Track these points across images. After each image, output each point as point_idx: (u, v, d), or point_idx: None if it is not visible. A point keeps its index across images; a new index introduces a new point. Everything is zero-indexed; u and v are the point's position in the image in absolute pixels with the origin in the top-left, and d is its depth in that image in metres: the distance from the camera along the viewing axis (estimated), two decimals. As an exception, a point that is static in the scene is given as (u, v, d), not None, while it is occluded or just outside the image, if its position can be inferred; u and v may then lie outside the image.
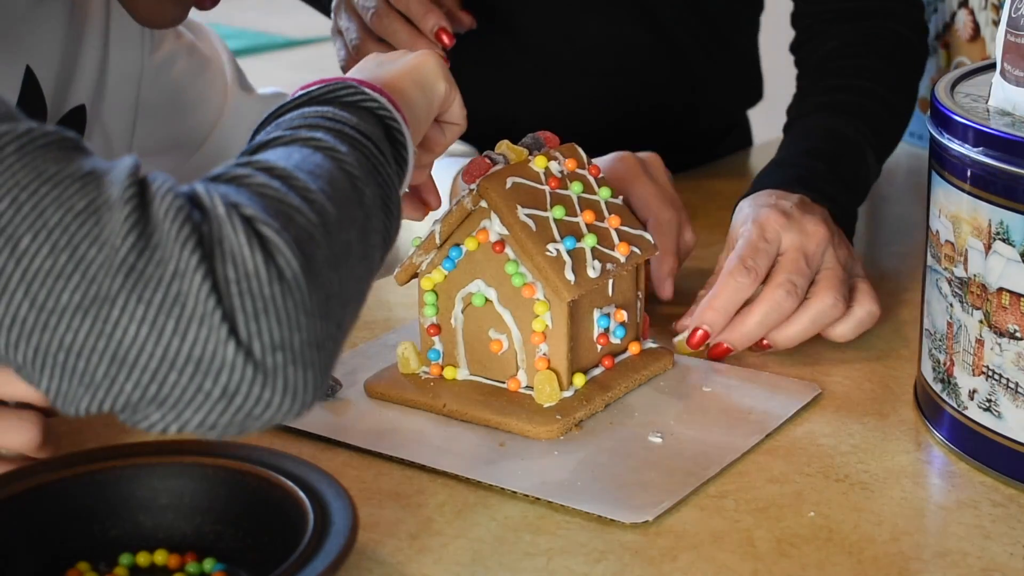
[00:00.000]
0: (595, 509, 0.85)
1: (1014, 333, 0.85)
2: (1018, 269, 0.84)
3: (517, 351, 0.97)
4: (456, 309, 0.99)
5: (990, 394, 0.88)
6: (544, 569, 0.80)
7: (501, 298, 0.97)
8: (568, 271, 0.94)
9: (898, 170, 1.54)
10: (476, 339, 0.99)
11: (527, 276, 0.95)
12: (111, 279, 0.63)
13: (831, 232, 1.05)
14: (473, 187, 0.96)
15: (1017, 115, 0.88)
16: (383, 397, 1.00)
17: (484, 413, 0.96)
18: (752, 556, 0.81)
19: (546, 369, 0.96)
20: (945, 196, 0.90)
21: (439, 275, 0.99)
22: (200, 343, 0.63)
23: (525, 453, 0.92)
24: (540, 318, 0.95)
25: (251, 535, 0.79)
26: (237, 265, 0.64)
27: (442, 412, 0.97)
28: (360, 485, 0.89)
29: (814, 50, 1.32)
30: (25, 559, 0.77)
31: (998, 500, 0.87)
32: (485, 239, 0.96)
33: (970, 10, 1.47)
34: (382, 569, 0.80)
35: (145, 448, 0.83)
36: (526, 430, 0.94)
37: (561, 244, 0.95)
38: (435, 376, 1.00)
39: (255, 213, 0.66)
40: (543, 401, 0.96)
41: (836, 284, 1.03)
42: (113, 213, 0.64)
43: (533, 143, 1.01)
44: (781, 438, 0.95)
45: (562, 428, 0.94)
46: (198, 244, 0.64)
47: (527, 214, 0.95)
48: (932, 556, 0.81)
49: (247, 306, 0.64)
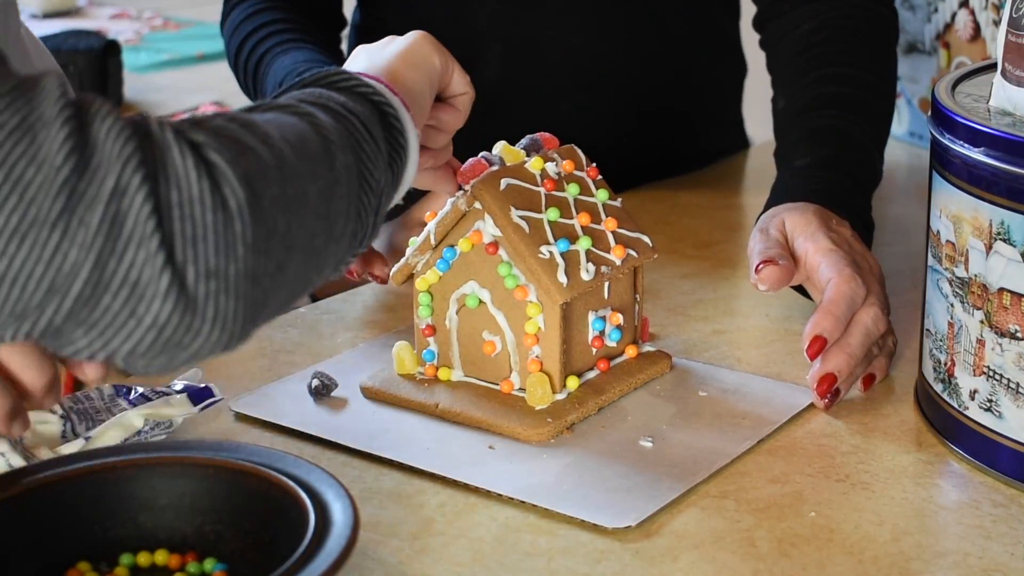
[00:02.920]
0: (578, 513, 0.84)
1: (1015, 333, 0.85)
2: (1019, 269, 0.84)
3: (510, 353, 0.97)
4: (451, 310, 0.99)
5: (991, 394, 0.88)
6: (545, 569, 0.80)
7: (495, 300, 0.97)
8: (561, 273, 0.94)
9: (898, 170, 1.54)
10: (470, 340, 0.99)
11: (520, 278, 0.95)
12: (50, 201, 0.59)
13: None
14: (467, 188, 0.96)
15: (1018, 115, 0.88)
16: (378, 397, 1.00)
17: (476, 414, 0.96)
18: (753, 556, 0.81)
19: (539, 372, 0.96)
20: (946, 196, 0.90)
21: (434, 276, 0.99)
22: (136, 266, 0.61)
23: (514, 456, 0.92)
24: (533, 320, 0.95)
25: (251, 535, 0.79)
26: (181, 189, 0.62)
27: (435, 413, 0.97)
28: (360, 485, 0.89)
29: (785, 31, 1.30)
30: (25, 559, 0.77)
31: (999, 500, 0.87)
32: (479, 240, 0.96)
33: (971, 10, 1.47)
34: (383, 569, 0.80)
35: (145, 448, 0.83)
36: (516, 432, 0.94)
37: (554, 246, 0.95)
38: (430, 377, 1.01)
39: (205, 140, 0.64)
40: (535, 403, 0.95)
41: (879, 292, 1.02)
42: (49, 131, 0.60)
43: (531, 144, 1.01)
44: (782, 438, 0.94)
45: (553, 431, 0.94)
46: (141, 163, 0.61)
47: (520, 216, 0.95)
48: (933, 556, 0.81)
49: (187, 231, 0.62)
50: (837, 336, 0.97)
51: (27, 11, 3.02)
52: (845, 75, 1.22)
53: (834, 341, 0.97)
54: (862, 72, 1.23)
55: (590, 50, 1.40)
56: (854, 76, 1.22)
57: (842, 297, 0.98)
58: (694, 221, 1.37)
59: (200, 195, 0.62)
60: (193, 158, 0.63)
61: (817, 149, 1.15)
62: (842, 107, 1.19)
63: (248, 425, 0.97)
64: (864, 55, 1.25)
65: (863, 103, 1.21)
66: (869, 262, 1.04)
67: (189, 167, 0.62)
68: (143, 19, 3.03)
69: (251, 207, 0.64)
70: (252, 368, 1.06)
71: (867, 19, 1.28)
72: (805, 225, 1.04)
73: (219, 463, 0.81)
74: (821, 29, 1.27)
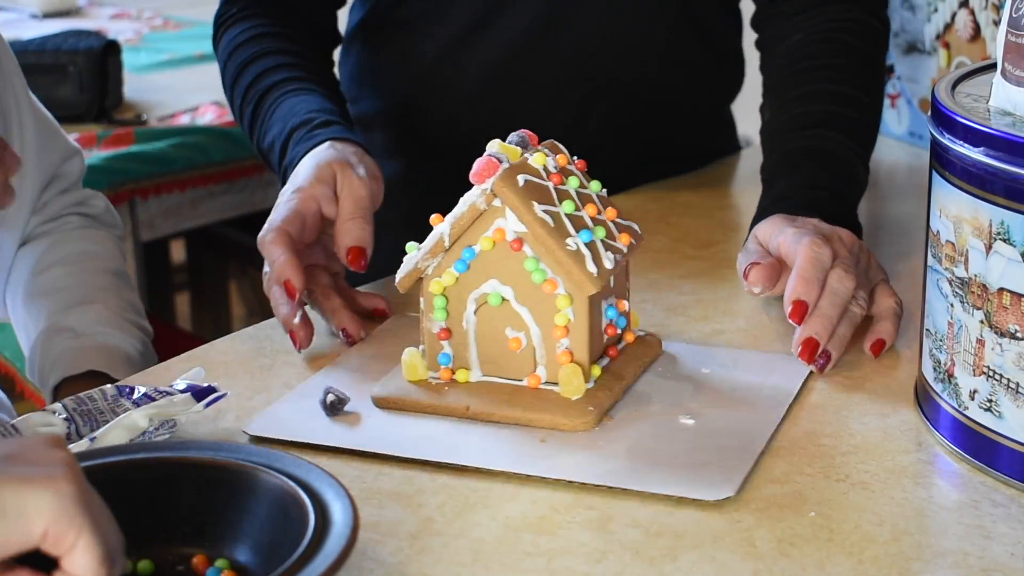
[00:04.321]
0: (676, 491, 0.86)
1: (1015, 333, 0.85)
2: (1019, 269, 0.84)
3: (536, 347, 0.97)
4: (468, 311, 0.98)
5: (991, 394, 0.88)
6: (545, 569, 0.80)
7: (518, 296, 0.97)
8: (590, 264, 0.95)
9: (898, 170, 1.54)
10: (490, 339, 0.98)
11: (547, 272, 0.95)
12: None
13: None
14: (486, 187, 0.95)
15: (1018, 115, 0.88)
16: (396, 406, 0.98)
17: (513, 411, 0.96)
18: (753, 556, 0.81)
19: (570, 363, 0.96)
20: (946, 196, 0.90)
21: (450, 278, 0.98)
22: None
23: (569, 446, 0.93)
24: (562, 312, 0.96)
25: (251, 535, 0.79)
26: None
27: (466, 415, 0.96)
28: (360, 485, 0.89)
29: (778, 40, 1.33)
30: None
31: (999, 500, 0.87)
32: (502, 238, 0.96)
33: (971, 10, 1.47)
34: (383, 569, 0.80)
35: (146, 448, 0.83)
36: (562, 424, 0.94)
37: (578, 238, 0.95)
38: (446, 380, 1.00)
39: None
40: (570, 394, 0.96)
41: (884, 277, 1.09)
42: None
43: (520, 142, 1.01)
44: (782, 438, 0.94)
45: (595, 419, 0.95)
46: None
47: (543, 210, 0.95)
48: (933, 556, 0.81)
49: None
50: (814, 297, 1.02)
51: (27, 11, 3.03)
52: (827, 92, 1.25)
53: (813, 302, 1.02)
54: (845, 87, 1.26)
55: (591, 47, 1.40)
56: (836, 92, 1.25)
57: (809, 261, 1.03)
58: (694, 221, 1.37)
59: None
60: None
61: (793, 172, 1.19)
62: (820, 125, 1.22)
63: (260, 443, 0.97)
64: (850, 70, 1.28)
65: (843, 118, 1.24)
66: (840, 235, 1.08)
67: None
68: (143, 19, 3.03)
69: None
70: (252, 368, 1.06)
71: (858, 32, 1.31)
72: (772, 227, 1.10)
73: (219, 463, 0.81)
74: (811, 42, 1.30)
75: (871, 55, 1.32)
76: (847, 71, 1.27)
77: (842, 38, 1.30)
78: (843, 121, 1.23)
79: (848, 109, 1.24)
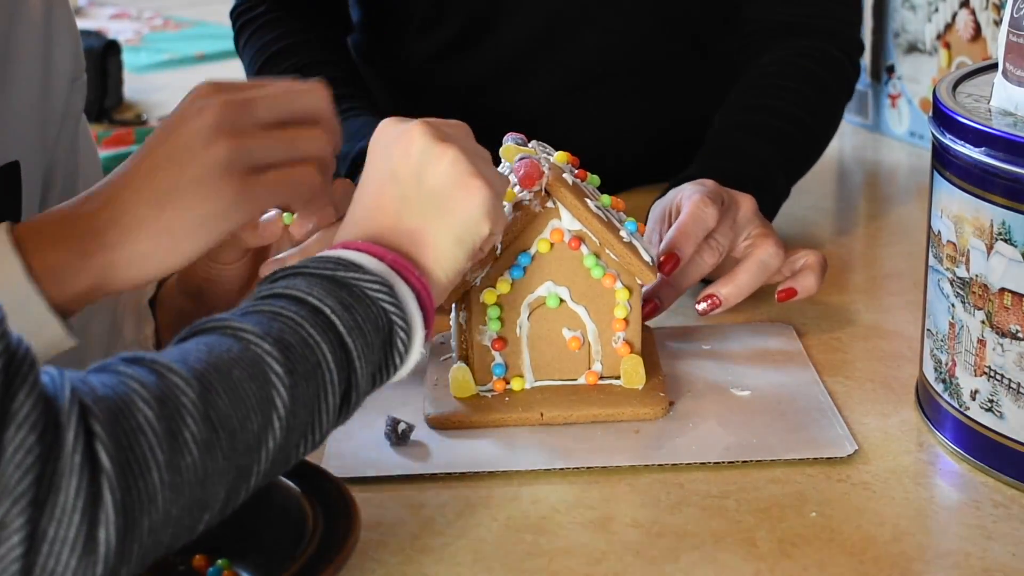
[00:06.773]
0: (803, 455, 0.90)
1: (1016, 333, 0.85)
2: (1020, 269, 0.84)
3: (591, 344, 0.97)
4: (522, 317, 0.97)
5: (992, 395, 0.88)
6: (545, 569, 0.80)
7: (574, 295, 0.96)
8: (644, 253, 0.96)
9: (899, 170, 1.54)
10: (544, 342, 0.97)
11: (605, 267, 0.96)
12: None
13: None
14: (536, 190, 0.94)
15: (1019, 115, 0.88)
16: (461, 425, 0.95)
17: (591, 410, 0.95)
18: (754, 556, 0.81)
19: (630, 354, 0.97)
20: (947, 196, 0.90)
21: (505, 286, 0.95)
22: None
23: (666, 432, 0.94)
24: (621, 305, 0.96)
25: (251, 535, 0.79)
26: (59, 527, 0.60)
27: (540, 422, 0.95)
28: (361, 485, 0.89)
29: (749, 59, 1.34)
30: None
31: (1000, 500, 0.87)
32: (560, 239, 0.95)
33: (971, 10, 1.47)
34: (383, 569, 0.80)
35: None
36: (642, 414, 0.95)
37: (624, 229, 0.96)
38: (500, 391, 0.97)
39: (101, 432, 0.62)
40: (634, 384, 0.97)
41: (772, 235, 1.08)
42: None
43: (521, 142, 1.00)
44: (782, 438, 0.94)
45: (667, 404, 0.96)
46: (31, 503, 0.60)
47: (595, 207, 0.95)
48: (934, 556, 0.81)
49: (48, 566, 0.60)
50: (689, 251, 1.03)
51: (27, 11, 3.02)
52: (771, 107, 1.26)
53: (687, 259, 1.04)
54: (793, 108, 1.27)
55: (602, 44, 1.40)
56: (780, 109, 1.26)
57: (692, 217, 1.04)
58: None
59: (74, 539, 0.61)
60: (83, 483, 0.61)
61: (710, 160, 1.20)
62: (753, 132, 1.24)
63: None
64: (803, 92, 1.29)
65: (778, 132, 1.24)
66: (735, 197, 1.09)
67: (75, 504, 0.61)
68: (143, 19, 3.03)
69: (119, 547, 0.62)
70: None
71: (824, 63, 1.32)
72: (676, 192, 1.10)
73: (219, 463, 0.80)
74: (774, 63, 1.31)
75: (830, 86, 1.32)
76: (800, 93, 1.28)
77: (806, 65, 1.31)
78: (776, 135, 1.24)
79: (788, 126, 1.25)
